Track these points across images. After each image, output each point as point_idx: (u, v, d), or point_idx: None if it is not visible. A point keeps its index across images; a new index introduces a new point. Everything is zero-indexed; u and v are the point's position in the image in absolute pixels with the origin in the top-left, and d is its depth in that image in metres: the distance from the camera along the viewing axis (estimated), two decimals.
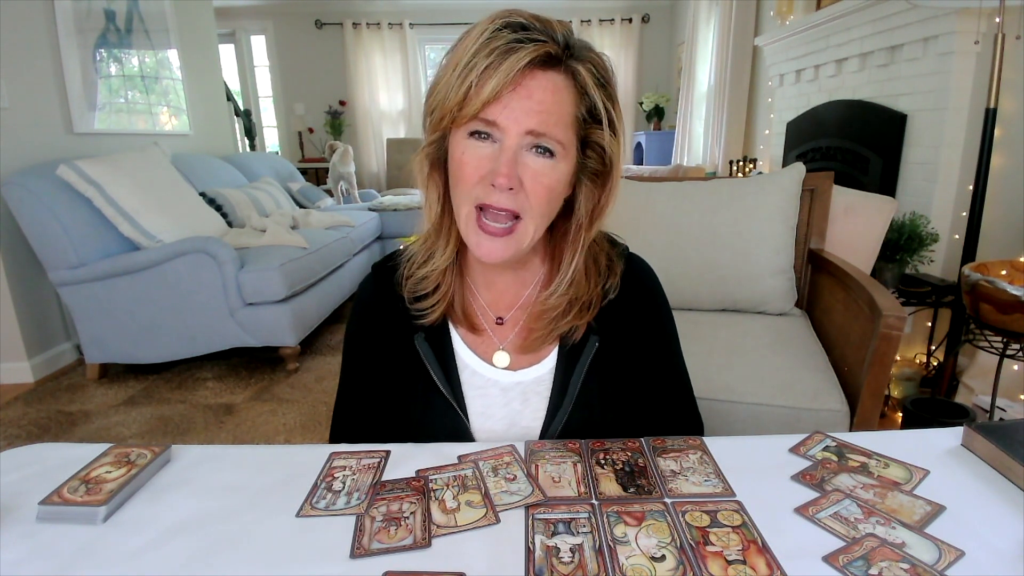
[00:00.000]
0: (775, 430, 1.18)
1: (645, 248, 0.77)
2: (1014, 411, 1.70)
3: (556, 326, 0.70)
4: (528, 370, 0.73)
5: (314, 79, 6.16)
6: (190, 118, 3.67)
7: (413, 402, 0.73)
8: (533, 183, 0.60)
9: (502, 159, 0.59)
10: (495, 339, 0.73)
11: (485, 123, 0.59)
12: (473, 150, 0.60)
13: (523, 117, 0.58)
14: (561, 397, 0.71)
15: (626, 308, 0.73)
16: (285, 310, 2.42)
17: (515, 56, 0.56)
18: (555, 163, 0.61)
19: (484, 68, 0.56)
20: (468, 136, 0.60)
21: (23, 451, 0.70)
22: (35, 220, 2.22)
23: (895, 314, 1.07)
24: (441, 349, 0.72)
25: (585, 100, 0.61)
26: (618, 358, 0.73)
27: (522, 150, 0.60)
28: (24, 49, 2.48)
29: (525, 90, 0.58)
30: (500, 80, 0.56)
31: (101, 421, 2.11)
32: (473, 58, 0.57)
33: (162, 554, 0.52)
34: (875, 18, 2.37)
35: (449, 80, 0.58)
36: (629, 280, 0.73)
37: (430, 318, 0.71)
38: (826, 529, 0.52)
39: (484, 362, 0.73)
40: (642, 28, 6.01)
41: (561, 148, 0.60)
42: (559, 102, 0.59)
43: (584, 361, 0.70)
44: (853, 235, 1.71)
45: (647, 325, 0.75)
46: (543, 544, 0.51)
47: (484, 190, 0.60)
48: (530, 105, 0.58)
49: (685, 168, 4.59)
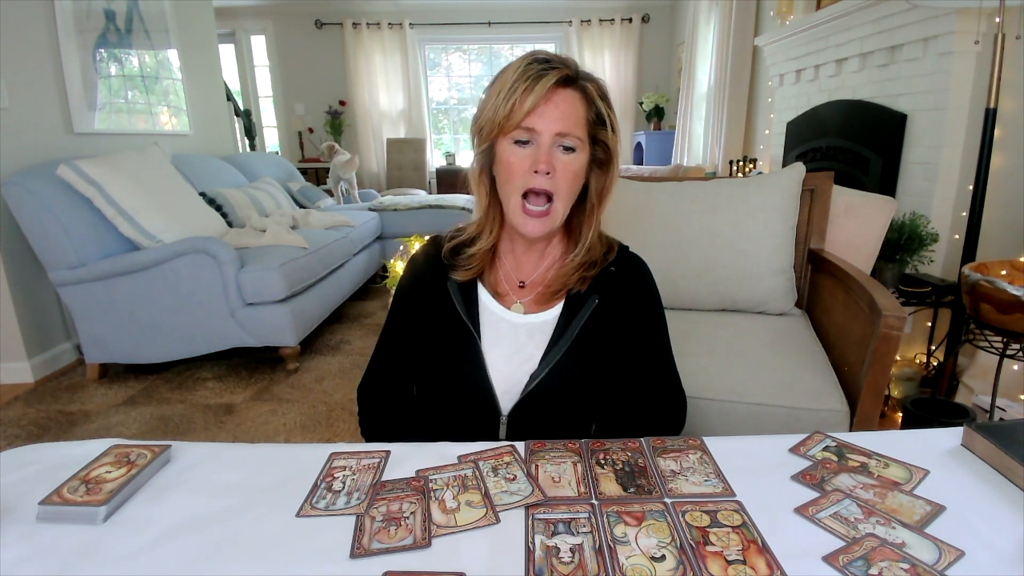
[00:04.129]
0: (775, 430, 1.17)
1: (645, 248, 0.81)
2: (1014, 411, 1.70)
3: (568, 281, 0.87)
4: (537, 315, 0.89)
5: (314, 79, 6.16)
6: (190, 118, 3.67)
7: (439, 336, 0.89)
8: (563, 170, 0.81)
9: (541, 153, 0.79)
10: (514, 297, 0.91)
11: (526, 131, 0.79)
12: (519, 153, 0.81)
13: (552, 123, 0.79)
14: (561, 336, 0.86)
15: (625, 283, 0.90)
16: (285, 310, 2.42)
17: (545, 79, 0.77)
18: (576, 155, 0.81)
19: (523, 90, 0.77)
20: (513, 144, 0.80)
21: (23, 451, 0.70)
22: (35, 220, 2.22)
23: (895, 314, 1.07)
24: (468, 295, 0.90)
25: (593, 108, 0.83)
26: (612, 320, 0.88)
27: (553, 149, 0.80)
28: (24, 49, 2.48)
29: (553, 103, 0.79)
30: (536, 97, 0.77)
31: (101, 421, 2.11)
32: (515, 83, 0.78)
33: (162, 554, 0.52)
34: (875, 18, 2.37)
35: (496, 102, 0.79)
36: (630, 265, 0.92)
37: (464, 276, 0.89)
38: (826, 529, 0.52)
39: (501, 307, 0.90)
40: (642, 28, 6.01)
41: (580, 143, 0.81)
42: (576, 110, 0.81)
43: (584, 314, 0.87)
44: (853, 235, 1.71)
45: (640, 303, 0.91)
46: (543, 544, 0.51)
47: (528, 177, 0.80)
48: (557, 114, 0.79)
49: (685, 168, 4.59)
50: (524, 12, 5.99)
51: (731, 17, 4.06)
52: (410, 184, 5.77)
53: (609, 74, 6.07)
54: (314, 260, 2.70)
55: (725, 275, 1.62)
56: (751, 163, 3.74)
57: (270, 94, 6.35)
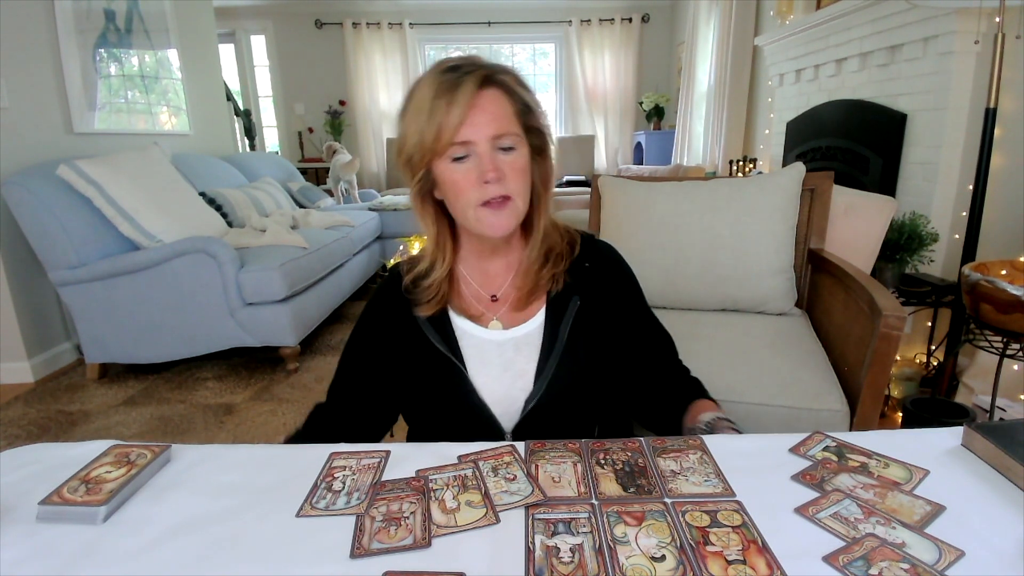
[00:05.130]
0: (775, 430, 1.17)
1: (645, 248, 0.79)
2: (1014, 411, 1.70)
3: (539, 277, 0.84)
4: (519, 327, 0.85)
5: (314, 79, 6.16)
6: (190, 118, 3.67)
7: (416, 368, 0.85)
8: (511, 170, 0.77)
9: (484, 162, 0.75)
10: (489, 314, 0.87)
11: (462, 145, 0.74)
12: (460, 171, 0.76)
13: (486, 128, 0.74)
14: (551, 346, 0.83)
15: (599, 275, 0.89)
16: (285, 310, 2.42)
17: (463, 86, 0.73)
18: (518, 152, 0.77)
19: (445, 104, 0.72)
20: (451, 163, 0.75)
21: (23, 451, 0.70)
22: (35, 220, 2.22)
23: (895, 314, 1.07)
24: (441, 324, 0.85)
25: (517, 99, 0.79)
26: (597, 316, 0.86)
27: (493, 153, 0.76)
28: (24, 49, 2.48)
29: (479, 108, 0.74)
30: (461, 108, 0.72)
31: (101, 421, 2.11)
32: (433, 101, 0.73)
33: (162, 554, 0.52)
34: (875, 18, 2.37)
35: (419, 125, 0.74)
36: (597, 254, 0.90)
37: (429, 311, 0.85)
38: (826, 529, 0.52)
39: (480, 327, 0.86)
40: (642, 28, 6.01)
41: (517, 139, 0.77)
42: (503, 107, 0.76)
43: (568, 317, 0.84)
44: (853, 235, 1.70)
45: (618, 288, 0.91)
46: (543, 544, 0.51)
47: (480, 191, 0.75)
48: (486, 117, 0.74)
49: (685, 168, 4.59)
50: (524, 12, 5.99)
51: (731, 17, 4.06)
52: None
53: (609, 74, 6.07)
54: (314, 260, 2.70)
55: (725, 275, 1.61)
56: (751, 163, 3.74)
57: (270, 94, 6.34)
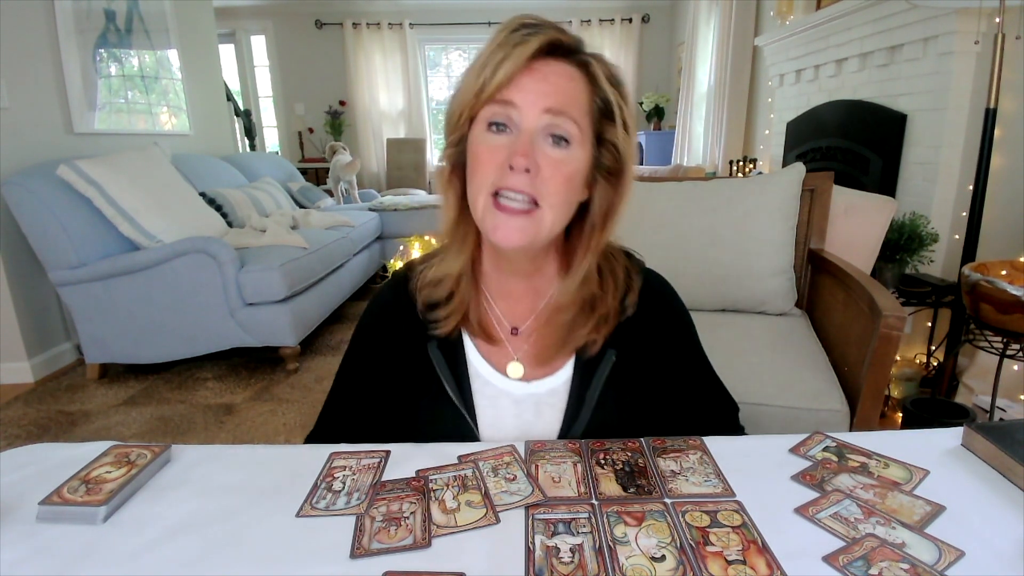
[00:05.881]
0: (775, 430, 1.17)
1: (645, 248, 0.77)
2: (1014, 411, 1.70)
3: (572, 336, 0.69)
4: (542, 381, 0.72)
5: (314, 79, 6.16)
6: (190, 118, 3.67)
7: (422, 409, 0.73)
8: (552, 171, 0.59)
9: (519, 142, 0.59)
10: (510, 349, 0.73)
11: (502, 104, 0.59)
12: (491, 141, 0.60)
13: (539, 98, 0.58)
14: (577, 409, 0.70)
15: (645, 324, 0.72)
16: (285, 310, 2.42)
17: (526, 45, 0.58)
18: (571, 151, 0.60)
19: (499, 59, 0.58)
20: (487, 130, 0.60)
21: (23, 451, 0.70)
22: (35, 220, 2.22)
23: (895, 314, 1.07)
24: (454, 358, 0.72)
25: (599, 91, 0.62)
26: (636, 372, 0.72)
27: (539, 137, 0.59)
28: (24, 49, 2.48)
29: (540, 73, 0.59)
30: (513, 65, 0.57)
31: (101, 421, 2.11)
32: (489, 55, 0.59)
33: (162, 554, 0.52)
34: (875, 18, 2.37)
35: (467, 80, 0.60)
36: (647, 296, 0.73)
37: (444, 328, 0.70)
38: (826, 529, 0.52)
39: (497, 372, 0.72)
40: (642, 28, 6.01)
41: (578, 132, 0.60)
42: (574, 88, 0.60)
43: (601, 374, 0.70)
44: (853, 235, 1.71)
45: (668, 340, 0.75)
46: (543, 544, 0.51)
47: (501, 174, 0.59)
48: (546, 87, 0.59)
49: (685, 168, 4.59)
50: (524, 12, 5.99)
51: (731, 17, 4.06)
52: (410, 184, 5.77)
53: None
54: (314, 260, 2.71)
55: (725, 275, 1.62)
56: (751, 163, 3.74)
57: (270, 94, 6.35)
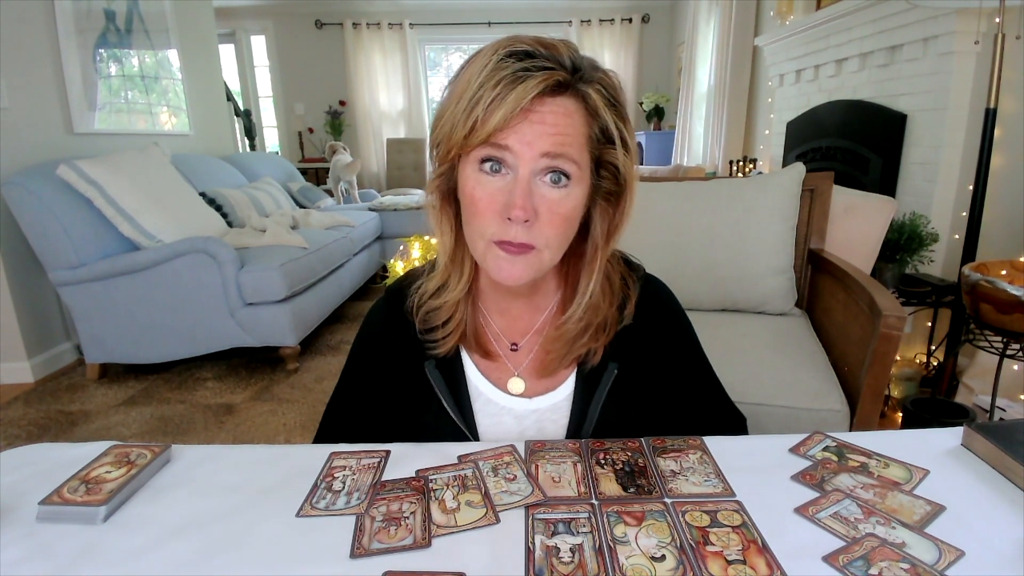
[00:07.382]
0: (775, 430, 1.17)
1: (645, 248, 0.77)
2: (1014, 411, 1.70)
3: (572, 348, 0.69)
4: (544, 397, 0.72)
5: (314, 79, 6.16)
6: (190, 118, 3.67)
7: (423, 429, 0.72)
8: (550, 214, 0.58)
9: (516, 190, 0.56)
10: (509, 365, 0.72)
11: (496, 147, 0.56)
12: (486, 184, 0.58)
13: (537, 140, 0.56)
14: (580, 423, 0.70)
15: (645, 333, 0.72)
16: (285, 310, 2.42)
17: (523, 86, 0.54)
18: (570, 190, 0.59)
19: (491, 100, 0.54)
20: (479, 167, 0.58)
21: (23, 451, 0.70)
22: (35, 220, 2.22)
23: (895, 314, 1.07)
24: (453, 377, 0.71)
25: (598, 120, 0.60)
26: (638, 383, 0.72)
27: (536, 180, 0.58)
28: (24, 49, 2.48)
29: (537, 115, 0.56)
30: (508, 110, 0.54)
31: (101, 421, 2.11)
32: (478, 91, 0.55)
33: (162, 554, 0.52)
34: (875, 18, 2.37)
35: (454, 113, 0.57)
36: (646, 304, 0.72)
37: (442, 349, 0.70)
38: (826, 529, 0.52)
39: (498, 389, 0.72)
40: (642, 28, 6.01)
41: (577, 169, 0.59)
42: (573, 124, 0.58)
43: (603, 388, 0.70)
44: (853, 235, 1.70)
45: (668, 347, 0.74)
46: (543, 544, 0.51)
47: (500, 226, 0.58)
48: (543, 129, 0.56)
49: (685, 168, 4.59)
50: (524, 12, 5.99)
51: (731, 17, 4.06)
52: (410, 184, 5.77)
53: None
54: (314, 260, 2.71)
55: (725, 275, 1.62)
56: (751, 163, 3.74)
57: (270, 94, 6.35)
